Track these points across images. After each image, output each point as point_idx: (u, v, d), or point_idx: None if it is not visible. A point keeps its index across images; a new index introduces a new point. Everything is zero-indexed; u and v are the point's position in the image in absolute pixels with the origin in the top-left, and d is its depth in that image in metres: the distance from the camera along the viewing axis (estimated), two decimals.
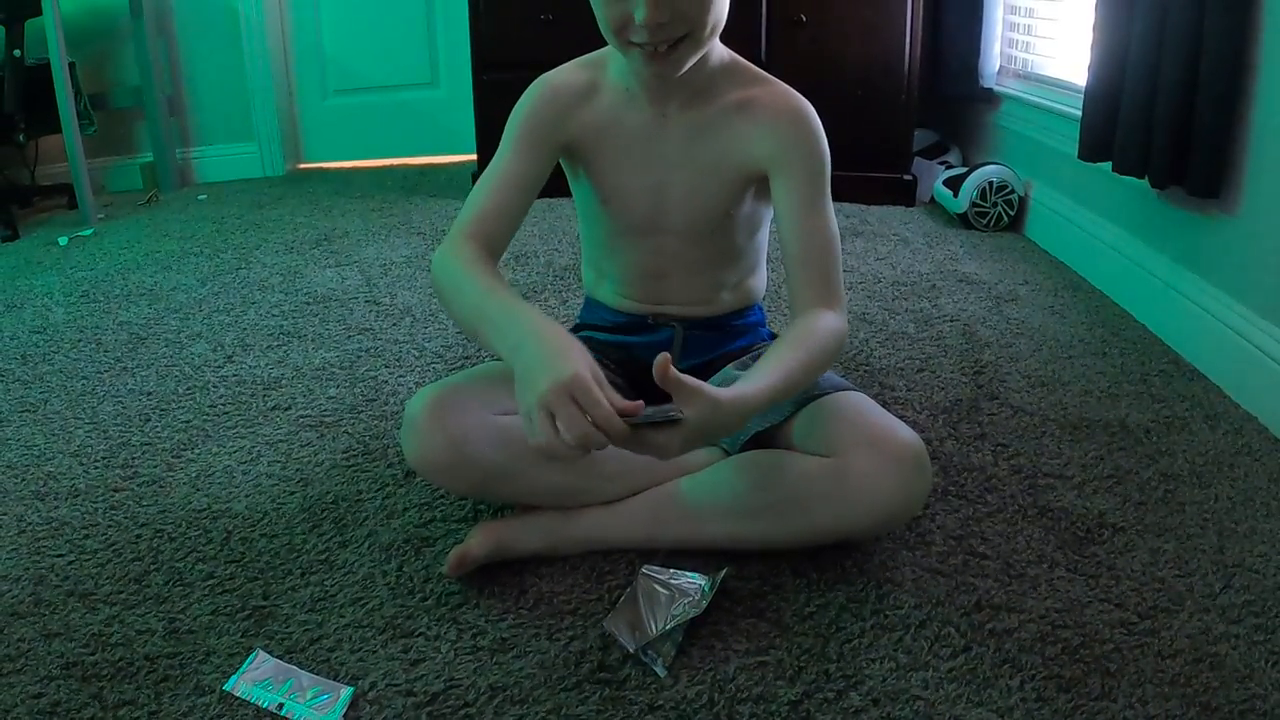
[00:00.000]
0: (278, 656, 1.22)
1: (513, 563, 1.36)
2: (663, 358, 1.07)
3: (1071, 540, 1.40)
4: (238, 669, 1.19)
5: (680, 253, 1.45)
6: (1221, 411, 1.77)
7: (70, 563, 1.40)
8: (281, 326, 2.36)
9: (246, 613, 1.30)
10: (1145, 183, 2.07)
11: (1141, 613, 1.25)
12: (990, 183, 3.00)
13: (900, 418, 1.29)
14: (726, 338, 1.55)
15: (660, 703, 1.13)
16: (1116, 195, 2.41)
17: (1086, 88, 2.29)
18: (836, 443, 1.26)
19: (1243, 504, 1.47)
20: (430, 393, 1.31)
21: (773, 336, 1.60)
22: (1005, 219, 3.02)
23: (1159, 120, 1.95)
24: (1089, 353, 2.06)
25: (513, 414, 1.29)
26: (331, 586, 1.35)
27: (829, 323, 1.31)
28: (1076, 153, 2.35)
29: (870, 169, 3.34)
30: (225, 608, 1.31)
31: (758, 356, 1.50)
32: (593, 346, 1.55)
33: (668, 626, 1.20)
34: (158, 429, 1.81)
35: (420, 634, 1.26)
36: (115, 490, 1.60)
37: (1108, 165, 2.22)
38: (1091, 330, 2.19)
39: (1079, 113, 2.36)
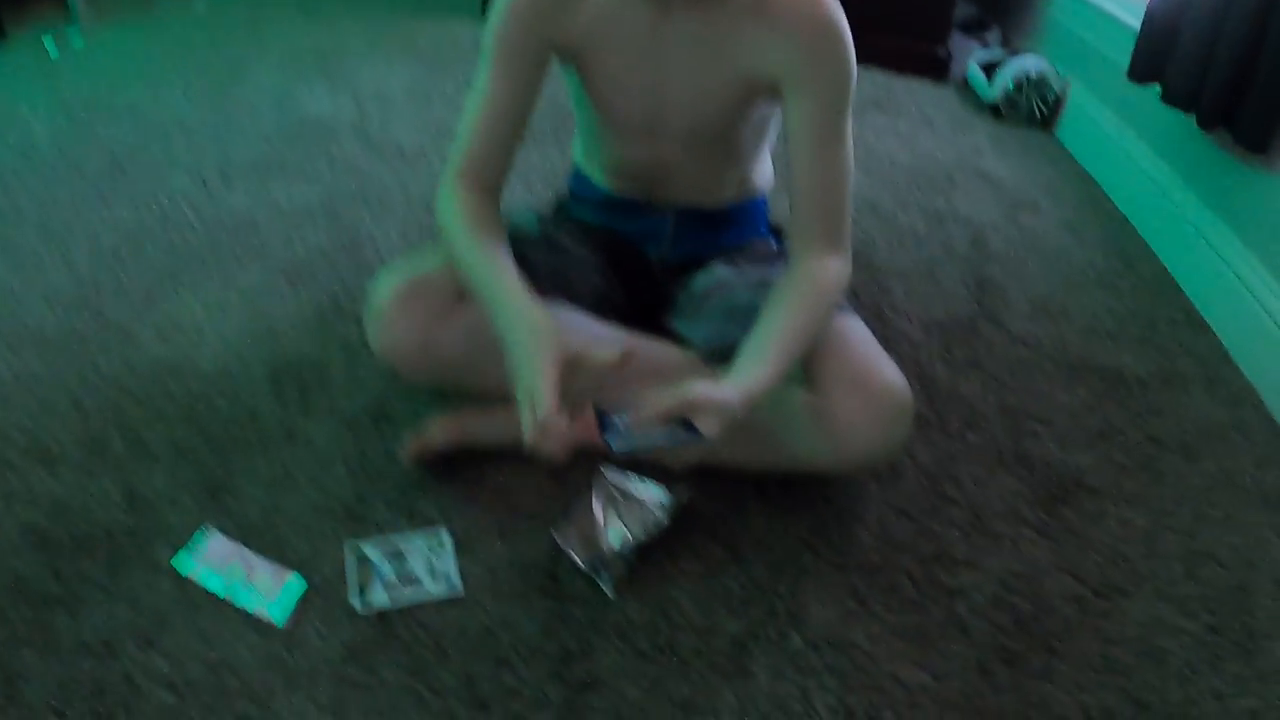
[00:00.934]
0: (230, 536, 1.20)
1: (474, 452, 1.32)
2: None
3: (1045, 497, 1.37)
4: (192, 548, 1.17)
5: (679, 155, 1.32)
6: (1222, 376, 1.70)
7: (35, 421, 1.36)
8: (266, 157, 2.21)
9: (204, 486, 1.27)
10: (1192, 119, 1.92)
11: (1099, 589, 1.23)
12: (1027, 75, 2.77)
13: (893, 329, 1.21)
14: (722, 231, 1.43)
15: (604, 624, 1.12)
16: (1160, 121, 2.24)
17: (1150, 3, 2.09)
18: (820, 376, 1.19)
19: (1224, 486, 1.43)
20: (398, 282, 1.23)
21: (773, 233, 1.49)
22: (1038, 116, 2.81)
23: (1219, 59, 1.77)
24: (1100, 284, 1.96)
25: None
26: (291, 463, 1.31)
27: (833, 275, 1.19)
28: (1127, 67, 2.16)
29: (904, 35, 3.06)
30: (184, 479, 1.28)
31: (751, 257, 1.41)
32: (578, 225, 1.45)
33: (622, 550, 1.17)
34: (130, 271, 1.72)
35: (373, 521, 1.23)
36: (84, 339, 1.53)
37: (1156, 90, 2.06)
38: (1107, 258, 2.08)
39: (1137, 25, 2.16)
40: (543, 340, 1.03)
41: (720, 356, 1.30)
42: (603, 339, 1.26)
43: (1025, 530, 1.30)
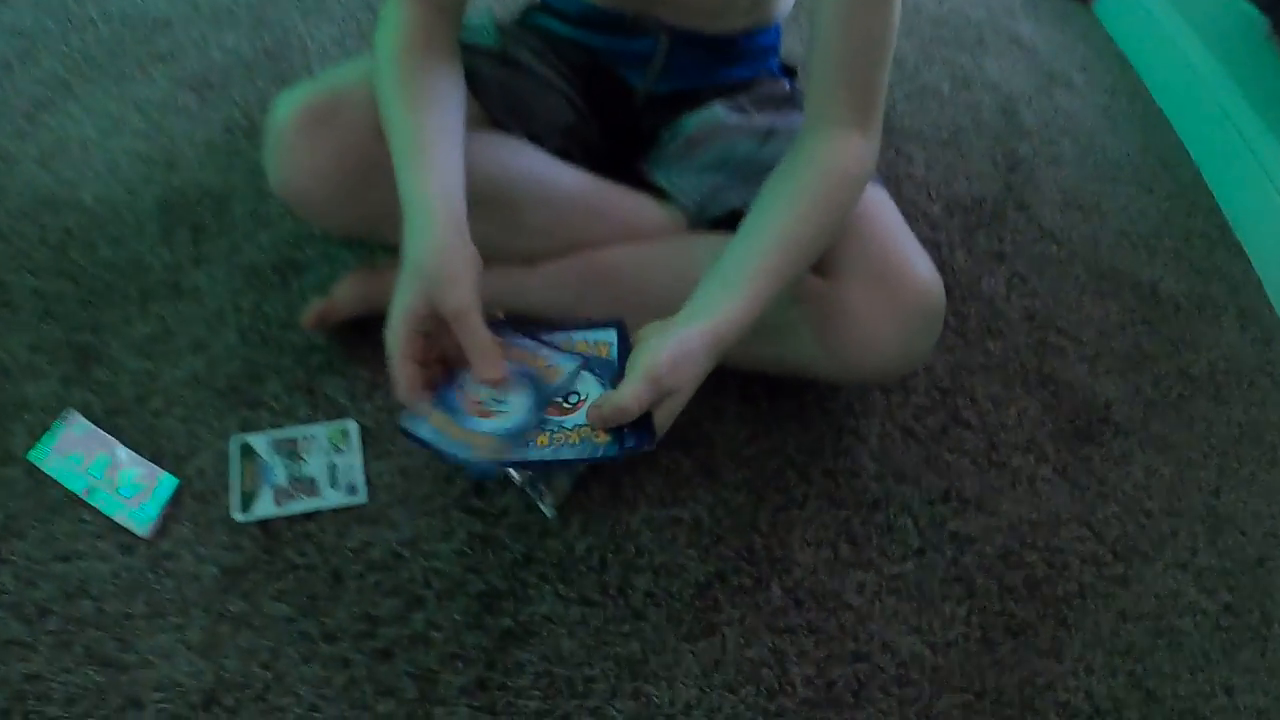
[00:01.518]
0: (97, 418, 0.94)
1: None
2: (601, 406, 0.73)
3: (1069, 431, 1.17)
4: (50, 429, 0.92)
5: None
6: (1254, 310, 1.50)
7: None
8: None
9: (70, 351, 0.99)
10: (1263, 20, 1.65)
11: (1119, 551, 1.07)
12: None
13: (912, 205, 0.98)
14: (724, 62, 1.10)
15: (540, 553, 0.89)
16: (1221, 15, 1.94)
17: None
18: (839, 260, 0.92)
19: (1250, 440, 1.26)
20: (304, 98, 0.90)
21: (785, 71, 1.18)
22: None
23: None
24: (1134, 182, 1.72)
25: None
26: (173, 321, 1.03)
27: (854, 161, 0.88)
28: None
29: None
30: (47, 342, 0.99)
31: (758, 98, 1.10)
32: (547, 40, 1.10)
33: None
34: (19, 80, 1.31)
35: (265, 405, 0.97)
36: None
37: None
38: (1143, 154, 1.84)
39: None
40: (436, 265, 0.77)
41: (708, 219, 1.03)
42: (564, 187, 1.00)
43: (1044, 469, 1.11)
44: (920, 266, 0.93)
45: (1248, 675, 1.01)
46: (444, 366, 0.78)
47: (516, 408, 0.73)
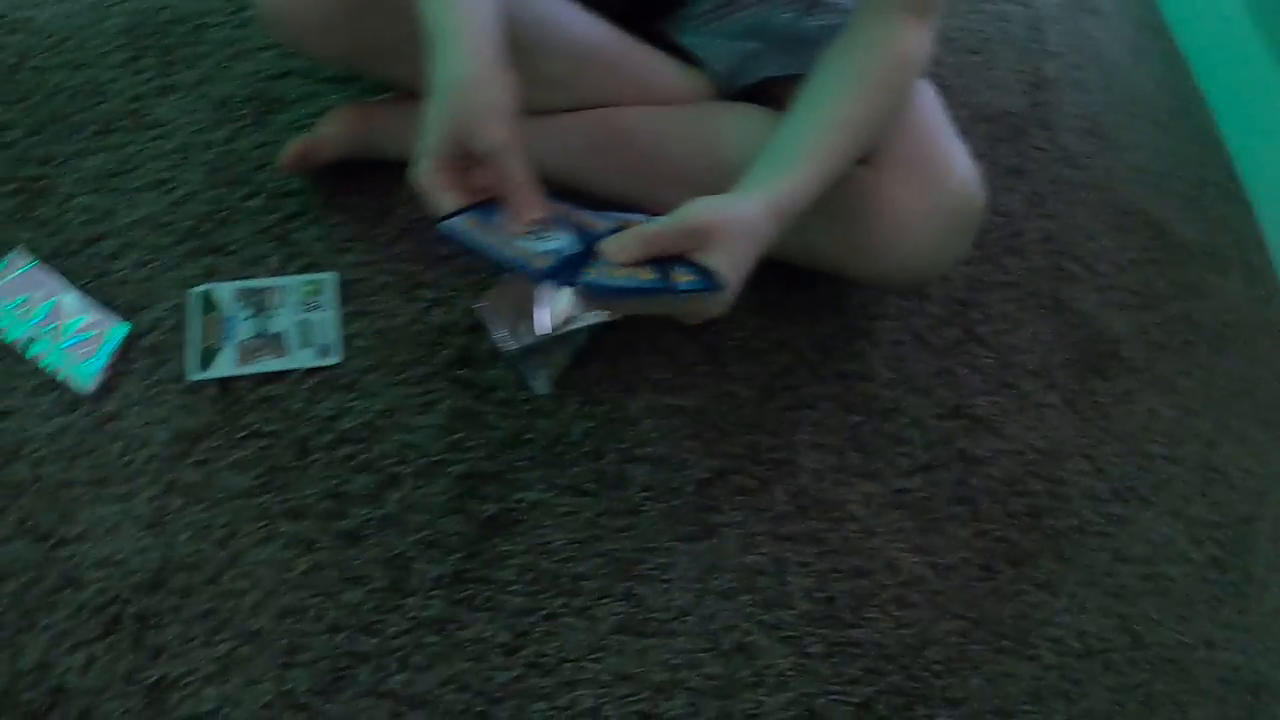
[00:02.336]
0: (43, 259, 0.82)
1: (380, 167, 0.92)
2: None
3: (1079, 361, 1.13)
4: None
5: None
6: (1259, 267, 1.48)
7: None
8: None
9: (15, 185, 0.86)
10: None
11: (1118, 491, 1.03)
12: None
13: None
14: None
15: (530, 434, 0.81)
16: None
17: None
18: (880, 150, 0.85)
19: (1248, 395, 1.25)
20: None
21: None
22: None
23: None
24: (1152, 120, 1.68)
25: None
26: (133, 154, 0.90)
27: (910, 50, 0.82)
28: None
29: None
30: None
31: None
32: None
33: (566, 333, 0.84)
34: None
35: (232, 251, 0.85)
36: None
37: None
38: (1161, 93, 1.79)
39: None
40: (466, 97, 0.67)
41: (737, 88, 0.94)
42: (581, 37, 0.89)
43: (1053, 397, 1.06)
44: (963, 164, 0.86)
45: (1227, 630, 1.01)
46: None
47: (563, 241, 0.64)
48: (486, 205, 0.67)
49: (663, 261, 0.64)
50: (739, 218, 0.69)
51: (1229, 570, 1.06)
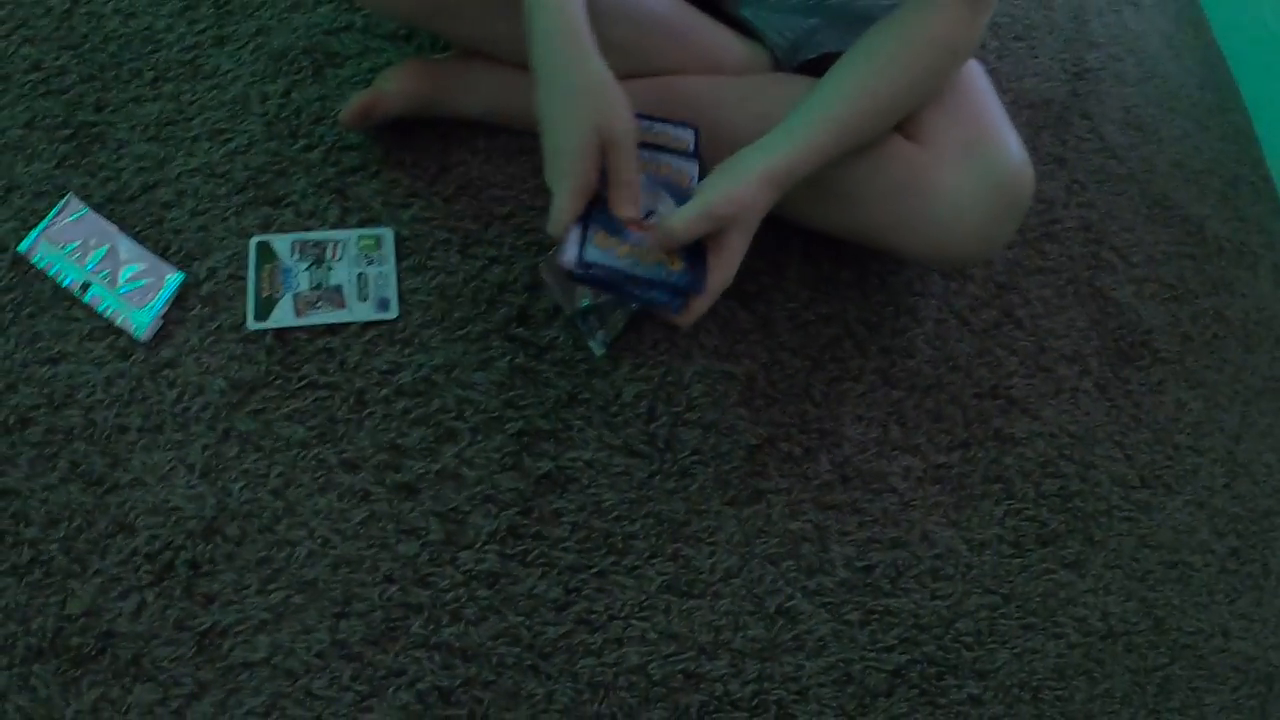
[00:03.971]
0: (97, 206, 0.81)
1: (439, 124, 0.92)
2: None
3: (1112, 349, 1.14)
4: (44, 215, 0.79)
5: None
6: None
7: None
8: None
9: (70, 130, 0.85)
10: None
11: (1146, 479, 1.05)
12: None
13: None
14: None
15: (586, 394, 0.82)
16: None
17: None
18: (931, 129, 0.86)
19: (1272, 394, 1.26)
20: None
21: None
22: None
23: None
24: (1190, 116, 1.68)
25: None
26: (189, 104, 0.89)
27: (956, 32, 0.83)
28: None
29: None
30: (44, 118, 0.85)
31: None
32: None
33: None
34: None
35: (289, 203, 0.85)
36: None
37: None
38: (1201, 91, 1.79)
39: None
40: (604, 88, 0.71)
41: (798, 61, 0.95)
42: (647, 5, 0.89)
43: (1087, 383, 1.08)
44: (1014, 147, 0.87)
45: (1243, 621, 1.03)
46: None
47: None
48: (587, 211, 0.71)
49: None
50: (751, 205, 0.73)
51: (1248, 563, 1.08)
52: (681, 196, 0.73)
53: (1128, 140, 1.45)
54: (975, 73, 0.91)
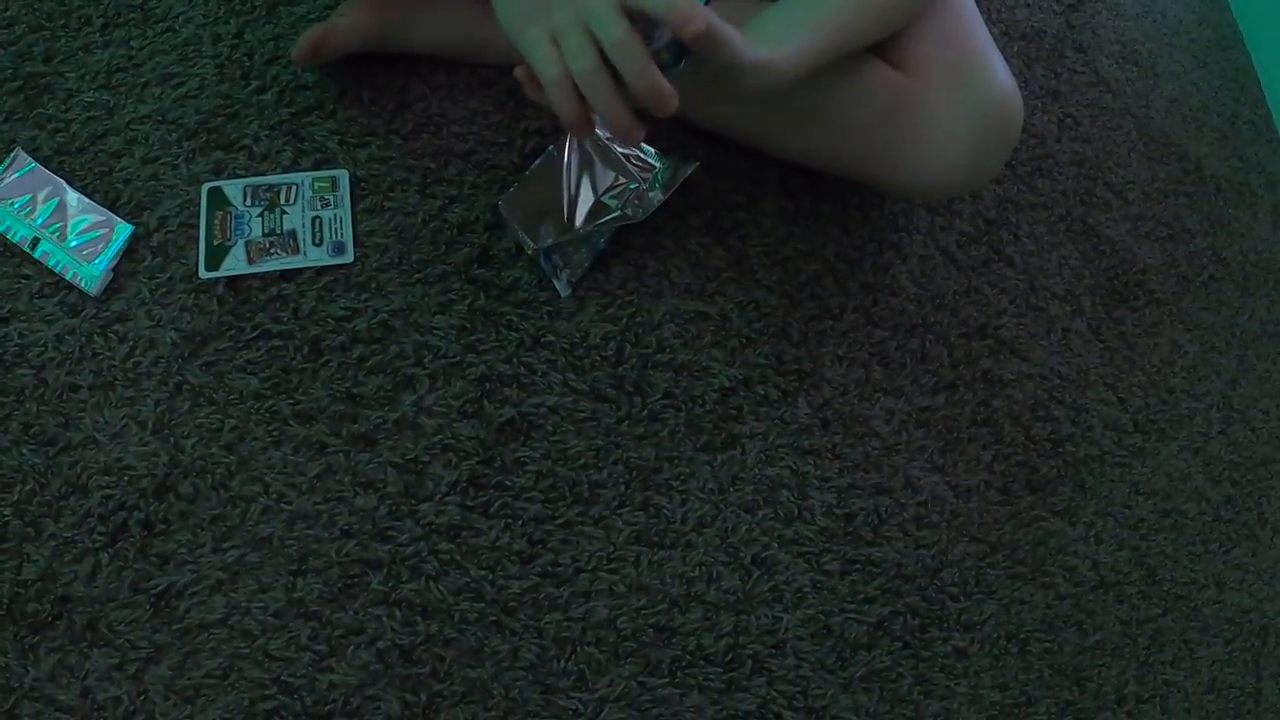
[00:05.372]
0: (46, 159, 0.77)
1: (397, 60, 0.87)
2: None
3: (1105, 288, 1.10)
4: None
5: None
6: None
7: None
8: None
9: (18, 83, 0.80)
10: None
11: (1139, 423, 1.02)
12: None
13: None
14: None
15: (550, 336, 0.78)
16: None
17: None
18: (918, 56, 0.82)
19: (1270, 337, 1.23)
20: None
21: None
22: None
23: None
24: (1189, 52, 1.63)
25: None
26: (139, 50, 0.84)
27: None
28: None
29: None
30: None
31: None
32: None
33: (589, 227, 0.80)
34: None
35: (244, 147, 0.80)
36: None
37: None
38: (1199, 27, 1.74)
39: None
40: None
41: None
42: None
43: (1079, 323, 1.04)
44: (1003, 74, 0.83)
45: (1238, 572, 1.00)
46: None
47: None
48: None
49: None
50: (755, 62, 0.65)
51: (1243, 511, 1.05)
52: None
53: (1124, 74, 1.40)
54: (962, 1, 0.87)
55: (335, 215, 0.81)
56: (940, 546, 0.83)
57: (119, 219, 0.77)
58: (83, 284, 0.74)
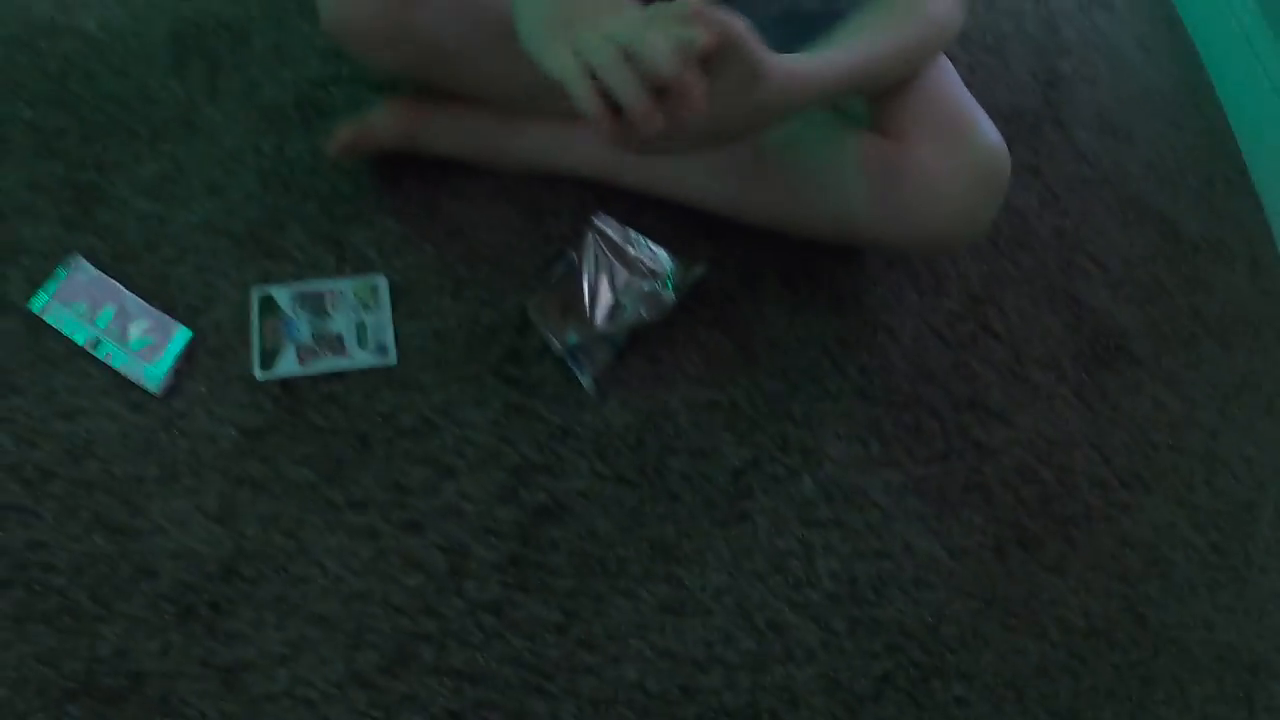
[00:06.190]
0: (103, 265, 0.85)
1: (424, 168, 0.96)
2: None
3: (1088, 354, 1.17)
4: (53, 276, 0.84)
5: None
6: (1266, 262, 1.52)
7: None
8: None
9: (72, 192, 0.89)
10: None
11: (1124, 479, 1.09)
12: None
13: None
14: None
15: (577, 428, 0.86)
16: None
17: None
18: (902, 118, 0.90)
19: (1251, 388, 1.29)
20: None
21: None
22: None
23: None
24: (1164, 116, 1.71)
25: None
26: (186, 161, 0.93)
27: (941, 9, 0.88)
28: None
29: None
30: (47, 180, 0.89)
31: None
32: None
33: (610, 331, 0.89)
34: None
35: (289, 256, 0.89)
36: None
37: None
38: (1175, 91, 1.82)
39: None
40: None
41: None
42: None
43: (1063, 389, 1.11)
44: (987, 127, 0.91)
45: (1226, 613, 1.06)
46: None
47: None
48: None
49: None
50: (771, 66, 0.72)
51: (1229, 555, 1.11)
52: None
53: (1101, 145, 1.48)
54: (945, 65, 0.95)
55: (377, 319, 0.90)
56: (938, 604, 0.91)
57: (176, 323, 0.86)
58: (146, 383, 0.83)
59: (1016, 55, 1.57)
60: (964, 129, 0.89)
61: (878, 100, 0.91)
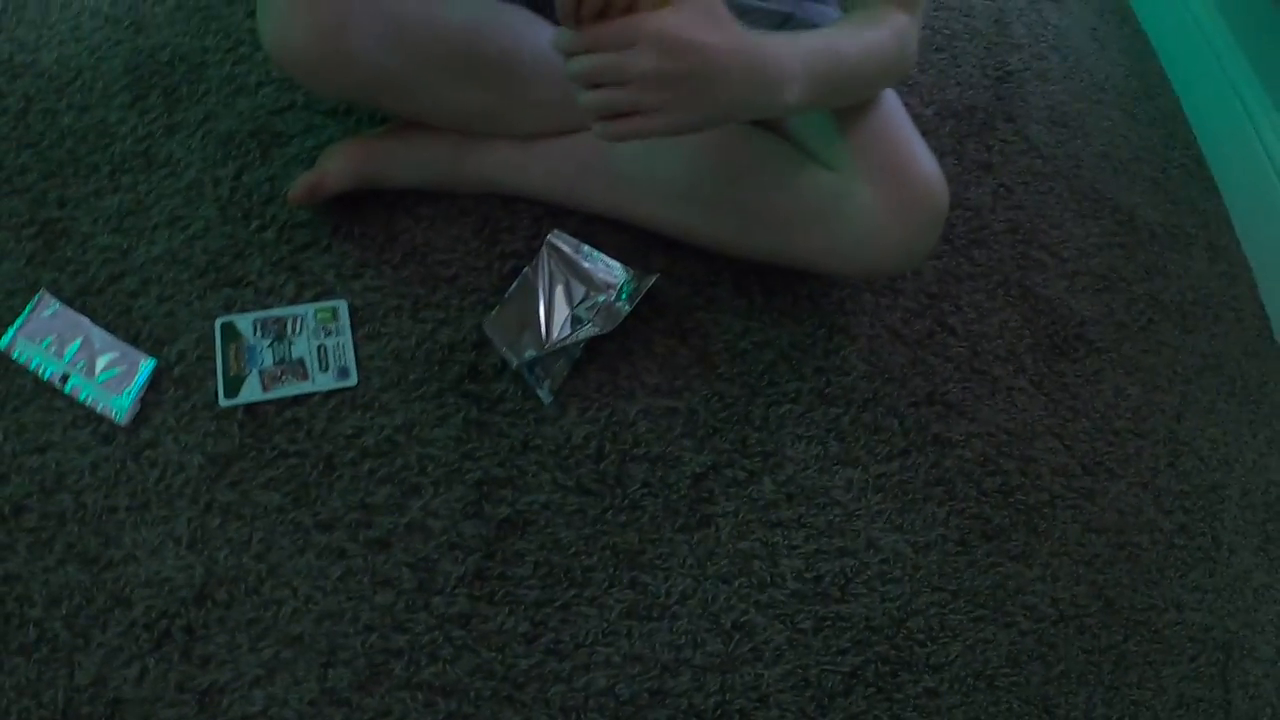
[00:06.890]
0: (68, 299, 0.87)
1: (383, 194, 0.98)
2: None
3: (1046, 345, 1.19)
4: (19, 312, 0.85)
5: None
6: (1223, 246, 1.54)
7: None
8: None
9: (35, 228, 0.91)
10: None
11: (1086, 465, 1.10)
12: None
13: (908, 108, 0.97)
14: None
15: (537, 440, 0.88)
16: None
17: None
18: (847, 149, 0.92)
19: (1213, 370, 1.31)
20: None
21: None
22: None
23: None
24: (1118, 106, 1.73)
25: None
26: (146, 194, 0.95)
27: (899, 28, 0.90)
28: None
29: None
30: (10, 218, 0.91)
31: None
32: None
33: (566, 343, 0.91)
34: None
35: (250, 284, 0.91)
36: None
37: None
38: (1127, 79, 1.84)
39: None
40: None
41: None
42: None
43: (1022, 380, 1.13)
44: (927, 165, 0.93)
45: (1196, 594, 1.07)
46: None
47: None
48: None
49: None
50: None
51: (1197, 536, 1.12)
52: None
53: (1054, 138, 1.51)
54: (889, 96, 0.97)
55: (338, 343, 0.91)
56: (904, 598, 0.92)
57: (141, 354, 0.88)
58: (113, 415, 0.84)
59: (967, 52, 1.59)
60: (905, 166, 0.91)
61: (837, 122, 0.93)
